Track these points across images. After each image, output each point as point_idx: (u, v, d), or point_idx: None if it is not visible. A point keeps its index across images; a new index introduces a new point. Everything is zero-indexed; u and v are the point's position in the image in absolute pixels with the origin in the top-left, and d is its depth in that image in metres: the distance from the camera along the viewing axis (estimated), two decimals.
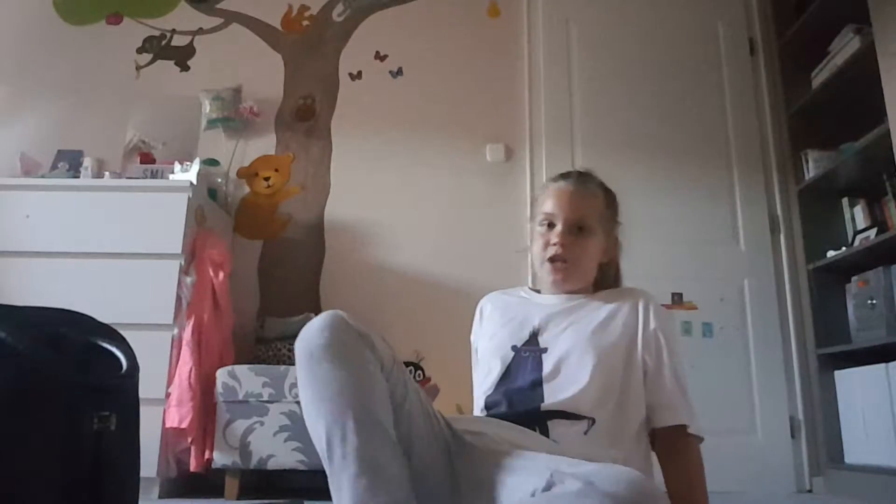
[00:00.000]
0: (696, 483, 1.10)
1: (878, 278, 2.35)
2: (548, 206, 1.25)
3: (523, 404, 1.12)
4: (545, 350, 1.17)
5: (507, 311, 1.29)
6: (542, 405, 1.10)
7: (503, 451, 1.00)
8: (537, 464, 0.92)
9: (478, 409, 1.22)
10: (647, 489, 0.77)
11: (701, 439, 1.15)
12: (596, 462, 0.88)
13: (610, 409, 1.11)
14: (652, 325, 1.19)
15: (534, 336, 1.21)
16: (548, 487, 0.83)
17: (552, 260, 1.22)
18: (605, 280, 1.33)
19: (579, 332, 1.18)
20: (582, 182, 1.27)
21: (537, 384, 1.13)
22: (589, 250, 1.24)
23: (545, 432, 1.08)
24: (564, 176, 1.29)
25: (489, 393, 1.19)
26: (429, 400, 1.08)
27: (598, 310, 1.22)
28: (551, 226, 1.23)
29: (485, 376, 1.22)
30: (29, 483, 0.59)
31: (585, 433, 1.08)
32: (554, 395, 1.11)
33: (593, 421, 1.09)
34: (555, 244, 1.21)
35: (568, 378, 1.12)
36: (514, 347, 1.21)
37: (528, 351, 1.19)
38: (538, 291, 1.34)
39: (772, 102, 2.97)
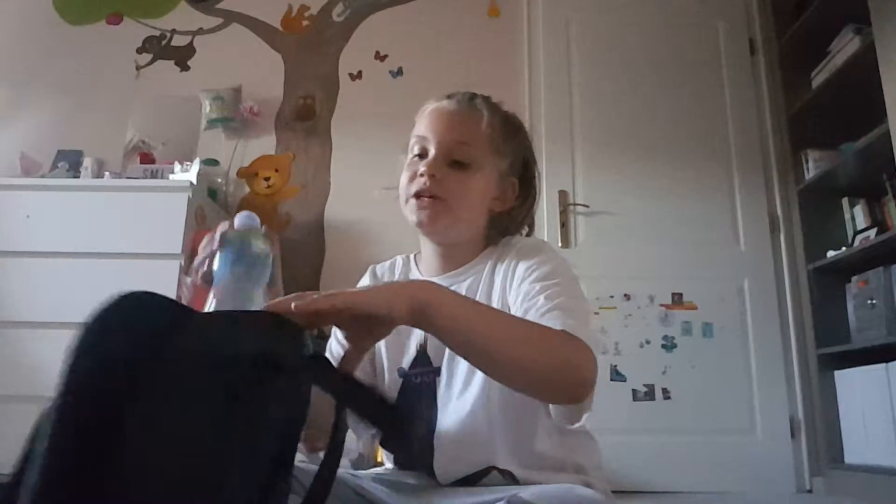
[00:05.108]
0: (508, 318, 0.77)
1: (878, 278, 2.36)
2: (420, 128, 0.94)
3: (419, 466, 0.88)
4: (438, 372, 0.87)
5: None
6: (439, 477, 0.85)
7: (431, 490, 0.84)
8: (482, 491, 0.79)
9: None
10: None
11: (589, 350, 0.73)
12: (545, 483, 0.78)
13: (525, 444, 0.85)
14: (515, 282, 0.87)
15: (422, 350, 0.90)
16: None
17: (418, 196, 0.90)
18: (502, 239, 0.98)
19: None
20: (467, 102, 0.95)
21: (429, 446, 0.85)
22: (469, 187, 0.91)
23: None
24: (450, 96, 0.97)
25: None
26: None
27: (486, 293, 0.91)
28: (423, 156, 0.92)
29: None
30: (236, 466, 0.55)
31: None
32: (450, 459, 0.85)
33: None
34: (422, 175, 0.89)
35: (468, 435, 0.84)
36: (401, 372, 0.91)
37: (419, 375, 0.90)
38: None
39: (772, 102, 2.97)
